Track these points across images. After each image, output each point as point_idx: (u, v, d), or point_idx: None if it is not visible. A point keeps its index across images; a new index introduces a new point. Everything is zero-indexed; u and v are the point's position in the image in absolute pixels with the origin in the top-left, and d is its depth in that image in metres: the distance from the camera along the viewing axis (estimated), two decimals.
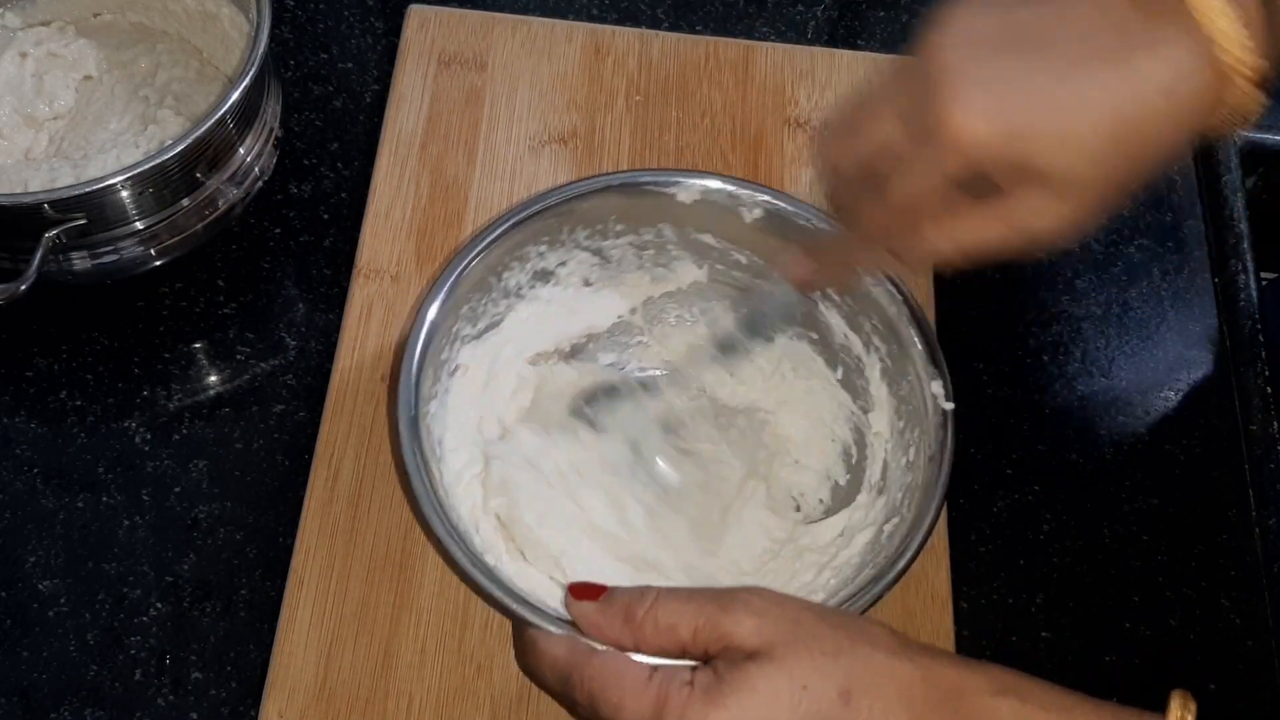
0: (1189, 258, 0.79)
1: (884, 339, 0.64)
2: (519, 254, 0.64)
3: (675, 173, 0.65)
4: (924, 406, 0.61)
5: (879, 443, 0.65)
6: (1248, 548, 0.71)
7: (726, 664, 0.49)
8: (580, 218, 0.65)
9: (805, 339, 0.68)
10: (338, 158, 0.78)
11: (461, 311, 0.63)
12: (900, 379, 0.63)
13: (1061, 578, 0.69)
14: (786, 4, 0.86)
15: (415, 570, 0.64)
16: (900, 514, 0.60)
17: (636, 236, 0.66)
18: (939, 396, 0.61)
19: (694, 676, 0.49)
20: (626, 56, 0.80)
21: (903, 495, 0.61)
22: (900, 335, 0.63)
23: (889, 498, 0.62)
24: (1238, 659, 0.68)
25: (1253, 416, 0.74)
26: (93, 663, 0.63)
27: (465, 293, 0.62)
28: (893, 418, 0.64)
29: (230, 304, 0.73)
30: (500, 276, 0.64)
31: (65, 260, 0.67)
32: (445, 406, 0.63)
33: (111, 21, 0.77)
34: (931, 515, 0.58)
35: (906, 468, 0.62)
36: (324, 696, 0.61)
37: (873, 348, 0.65)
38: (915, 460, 0.61)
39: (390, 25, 0.82)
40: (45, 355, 0.70)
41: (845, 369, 0.67)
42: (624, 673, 0.50)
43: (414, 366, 0.59)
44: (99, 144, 0.72)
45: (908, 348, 0.62)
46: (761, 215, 0.64)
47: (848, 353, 0.66)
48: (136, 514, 0.67)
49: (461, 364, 0.64)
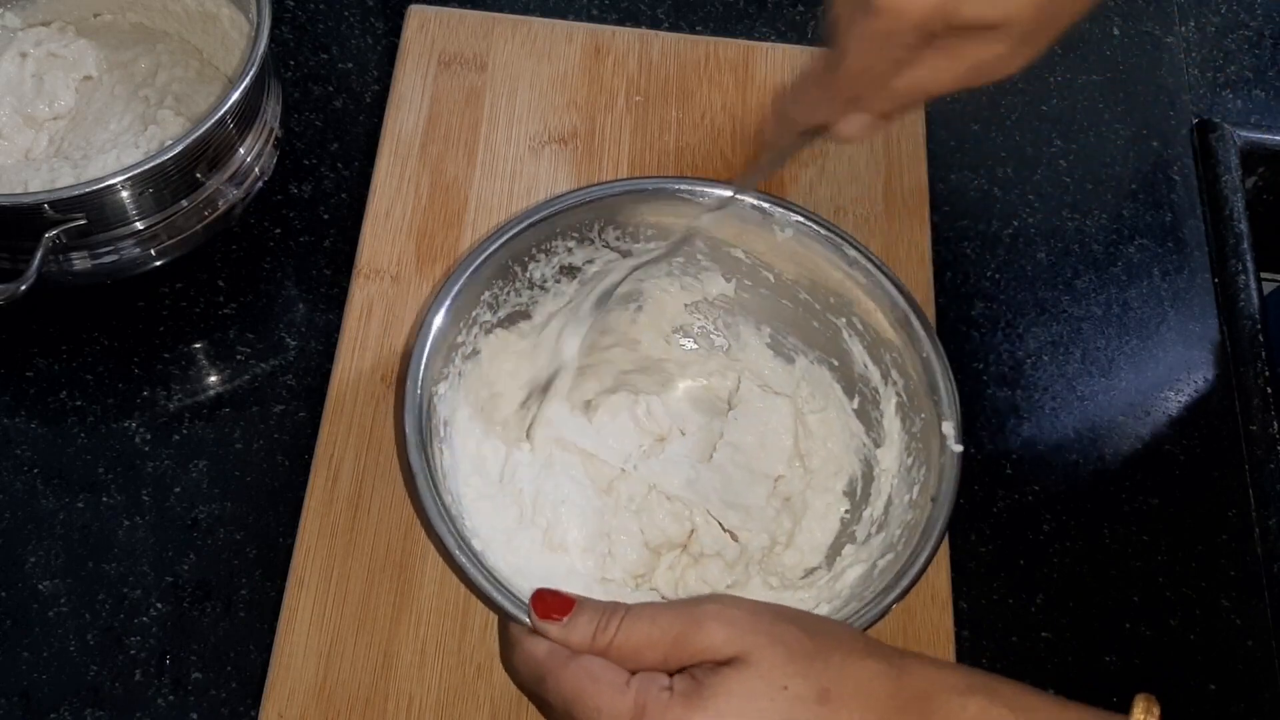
0: (1189, 258, 0.79)
1: (902, 373, 0.64)
2: (546, 247, 0.64)
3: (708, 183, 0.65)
4: (933, 445, 0.61)
5: (885, 479, 0.64)
6: (1248, 548, 0.71)
7: (704, 670, 0.49)
8: (610, 218, 0.65)
9: (825, 364, 0.68)
10: (338, 158, 0.78)
11: (483, 297, 0.63)
12: (914, 415, 0.63)
13: (1061, 578, 0.69)
14: (786, 4, 0.86)
15: (415, 570, 0.64)
16: (895, 550, 0.60)
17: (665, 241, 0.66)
18: (949, 438, 0.60)
19: (672, 681, 0.49)
20: (626, 57, 0.80)
21: (900, 532, 0.61)
22: (918, 371, 0.62)
23: (888, 534, 0.62)
24: (1238, 659, 0.68)
25: (1253, 416, 0.74)
26: (93, 663, 0.63)
27: (488, 279, 0.63)
28: (902, 454, 0.64)
29: (230, 304, 0.73)
30: (525, 267, 0.65)
31: (65, 260, 0.67)
32: (455, 388, 0.63)
33: (111, 22, 0.77)
34: (927, 554, 0.58)
35: (909, 505, 0.62)
36: (324, 697, 0.61)
37: (890, 381, 0.64)
38: (918, 499, 0.61)
39: (390, 25, 0.82)
40: (45, 355, 0.70)
41: (862, 399, 0.66)
42: (600, 678, 0.50)
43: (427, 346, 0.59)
44: (99, 144, 0.72)
45: (926, 385, 0.62)
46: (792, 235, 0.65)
47: (866, 383, 0.66)
48: (136, 514, 0.67)
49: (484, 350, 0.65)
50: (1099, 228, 0.80)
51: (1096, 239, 0.80)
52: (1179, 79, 0.86)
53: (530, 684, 0.53)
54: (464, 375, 0.64)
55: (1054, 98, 0.84)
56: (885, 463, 0.65)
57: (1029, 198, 0.80)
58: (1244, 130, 0.84)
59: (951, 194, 0.80)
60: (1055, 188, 0.81)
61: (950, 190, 0.80)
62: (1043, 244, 0.79)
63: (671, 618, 0.50)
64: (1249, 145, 0.84)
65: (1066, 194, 0.81)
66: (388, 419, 0.68)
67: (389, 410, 0.68)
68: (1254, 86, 0.87)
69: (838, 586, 0.61)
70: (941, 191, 0.79)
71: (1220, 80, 0.87)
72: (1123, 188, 0.82)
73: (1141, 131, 0.83)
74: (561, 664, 0.51)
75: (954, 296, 0.76)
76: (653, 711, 0.48)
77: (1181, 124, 0.84)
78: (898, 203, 0.76)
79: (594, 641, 0.51)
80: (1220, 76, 0.87)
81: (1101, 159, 0.82)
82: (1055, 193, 0.81)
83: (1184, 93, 0.85)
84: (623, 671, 0.50)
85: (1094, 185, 0.81)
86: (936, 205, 0.77)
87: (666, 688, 0.49)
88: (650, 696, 0.49)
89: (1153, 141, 0.83)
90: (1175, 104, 0.85)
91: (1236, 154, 0.83)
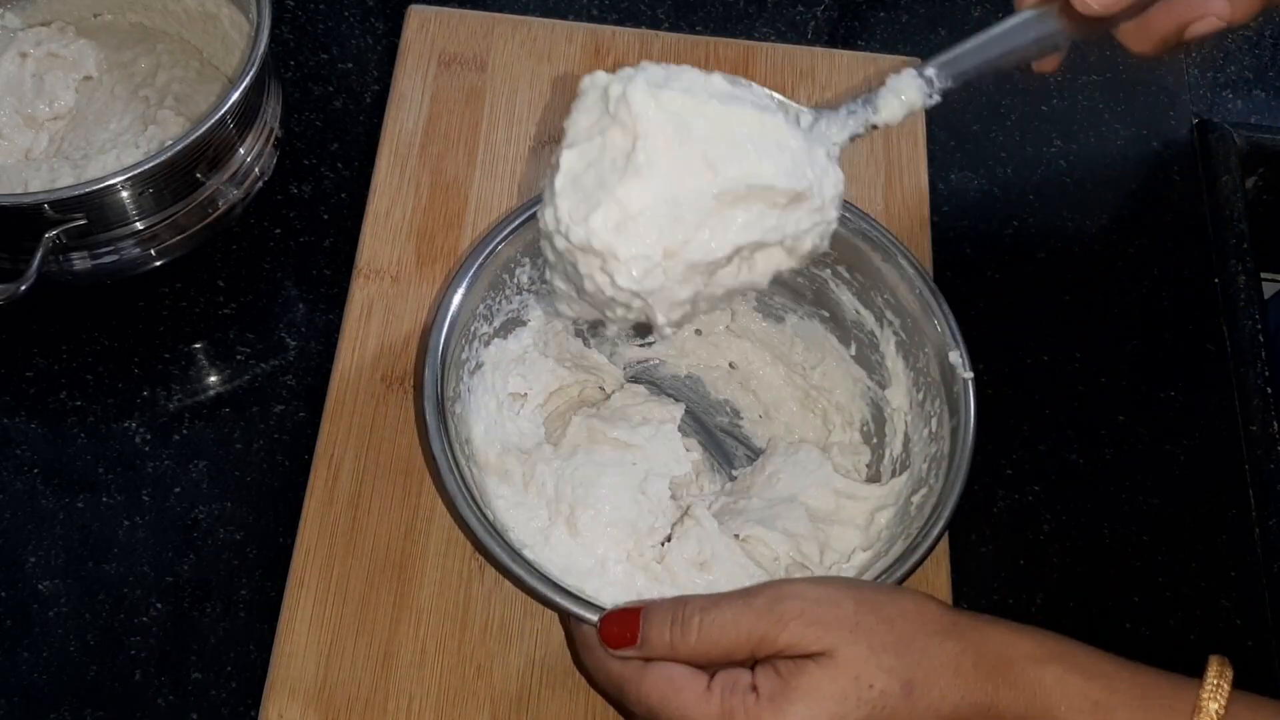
0: (1189, 258, 0.79)
1: (897, 313, 0.64)
2: (531, 250, 0.64)
3: None
4: (942, 378, 0.62)
5: (898, 417, 0.65)
6: (1248, 548, 0.71)
7: (788, 666, 0.49)
8: None
9: (816, 317, 0.69)
10: (338, 158, 0.78)
11: (478, 310, 0.63)
12: (917, 351, 0.64)
13: (1061, 578, 0.69)
14: (786, 4, 0.86)
15: (415, 570, 0.64)
16: (928, 484, 0.61)
17: None
18: (958, 366, 0.61)
19: (756, 680, 0.49)
20: (627, 57, 0.80)
21: (928, 466, 0.62)
22: (915, 308, 0.63)
23: (914, 470, 0.63)
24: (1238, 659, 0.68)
25: (1253, 416, 0.74)
26: (93, 663, 0.63)
27: (481, 292, 0.63)
28: (911, 390, 0.65)
29: (230, 304, 0.73)
30: (513, 273, 0.65)
31: (65, 260, 0.67)
32: (469, 406, 0.63)
33: (112, 22, 0.77)
34: (960, 483, 0.59)
35: (929, 439, 0.63)
36: (324, 697, 0.61)
37: (886, 322, 0.65)
38: (938, 431, 0.62)
39: (390, 26, 0.82)
40: (45, 355, 0.70)
41: (859, 345, 0.67)
42: (683, 686, 0.50)
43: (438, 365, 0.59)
44: (99, 144, 0.72)
45: (923, 320, 0.63)
46: None
47: (860, 328, 0.67)
48: (136, 514, 0.67)
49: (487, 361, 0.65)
50: (1099, 228, 0.80)
51: (1096, 239, 0.80)
52: (1179, 79, 0.86)
53: (611, 693, 0.53)
54: (472, 391, 0.64)
55: (1054, 98, 0.84)
56: (895, 401, 0.65)
57: (1029, 198, 0.80)
58: (1244, 130, 0.84)
59: (951, 194, 0.80)
60: (1055, 188, 0.81)
61: (950, 190, 0.80)
62: (1043, 244, 0.79)
63: (753, 619, 0.50)
64: (1249, 145, 0.84)
65: (1066, 194, 0.81)
66: (388, 419, 0.68)
67: (389, 410, 0.68)
68: (1254, 86, 0.87)
69: (875, 529, 0.62)
70: (941, 191, 0.79)
71: (1220, 80, 0.87)
72: (1123, 188, 0.82)
73: (1141, 131, 0.83)
74: (638, 676, 0.51)
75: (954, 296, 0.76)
76: (740, 716, 0.48)
77: (1181, 124, 0.84)
78: (898, 203, 0.76)
79: (673, 651, 0.51)
80: (1220, 76, 0.87)
81: (1101, 159, 0.82)
82: (1055, 193, 0.81)
83: (1184, 93, 0.85)
84: (702, 675, 0.50)
85: (1094, 185, 0.81)
86: (936, 205, 0.77)
87: (750, 688, 0.49)
88: (736, 700, 0.49)
89: (1153, 141, 0.83)
90: (1175, 104, 0.85)
91: (1236, 154, 0.83)
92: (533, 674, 0.62)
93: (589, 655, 0.54)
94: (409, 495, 0.66)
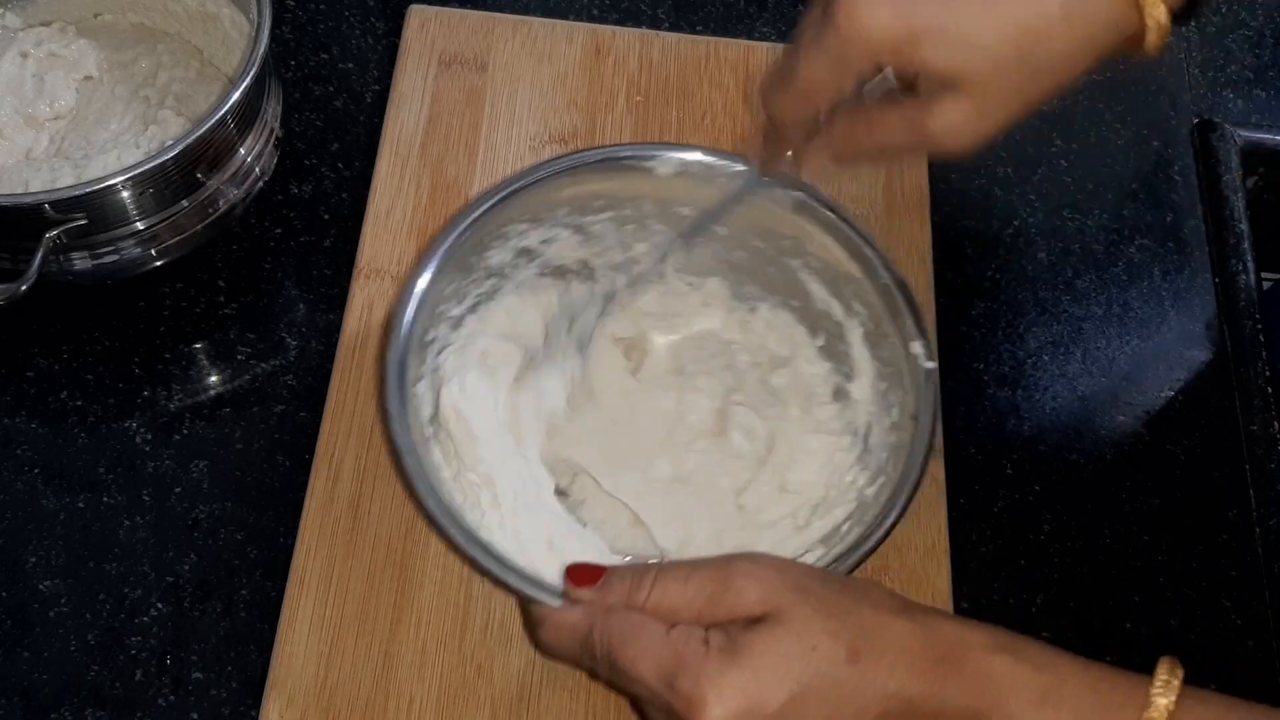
0: (1189, 258, 0.79)
1: (865, 303, 0.65)
2: (500, 233, 0.65)
3: (654, 146, 0.66)
4: (906, 367, 0.62)
5: (860, 408, 0.66)
6: (1248, 548, 0.71)
7: (738, 627, 0.50)
8: (560, 195, 0.65)
9: (786, 307, 0.69)
10: (338, 158, 0.78)
11: (446, 292, 0.63)
12: (882, 341, 0.64)
13: (1061, 578, 0.69)
14: (787, 4, 0.86)
15: (415, 570, 0.64)
16: (885, 473, 0.61)
17: (616, 212, 0.67)
18: (919, 356, 0.61)
19: (708, 635, 0.50)
20: (627, 57, 0.80)
21: (887, 455, 0.62)
22: (881, 299, 0.63)
23: (874, 459, 0.63)
24: (1238, 659, 0.68)
25: (1253, 416, 0.74)
26: (93, 663, 0.63)
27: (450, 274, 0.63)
28: (875, 381, 0.65)
29: (231, 304, 0.73)
30: (483, 256, 0.65)
31: (66, 260, 0.67)
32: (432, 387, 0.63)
33: (112, 22, 0.77)
34: (917, 471, 0.59)
35: (890, 429, 0.63)
36: (324, 696, 0.61)
37: (853, 312, 0.65)
38: (899, 420, 0.62)
39: (391, 25, 0.82)
40: (46, 355, 0.70)
41: (827, 335, 0.67)
42: (641, 627, 0.51)
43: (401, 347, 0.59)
44: (99, 144, 0.72)
45: (889, 311, 0.63)
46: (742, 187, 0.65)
47: (828, 318, 0.67)
48: (137, 514, 0.67)
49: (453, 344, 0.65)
50: (1099, 228, 0.80)
51: (1096, 239, 0.80)
52: (1179, 79, 0.86)
53: (573, 649, 0.54)
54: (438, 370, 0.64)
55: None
56: (858, 394, 0.66)
57: (1029, 198, 0.80)
58: (1244, 130, 0.84)
59: (951, 194, 0.80)
60: (1055, 188, 0.81)
61: (950, 190, 0.80)
62: (1043, 244, 0.79)
63: (704, 578, 0.52)
64: (1249, 145, 0.84)
65: (1066, 194, 0.81)
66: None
67: None
68: (1254, 86, 0.87)
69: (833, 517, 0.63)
70: (941, 191, 0.79)
71: (1220, 80, 0.87)
72: (1123, 188, 0.82)
73: (1141, 131, 0.83)
74: (601, 619, 0.52)
75: (954, 296, 0.76)
76: (690, 663, 0.49)
77: (1182, 124, 0.84)
78: (898, 203, 0.76)
79: (629, 602, 0.52)
80: (1220, 76, 0.87)
81: (1101, 159, 0.82)
82: (1055, 193, 0.81)
83: (1184, 93, 0.85)
84: (661, 623, 0.51)
85: (1094, 185, 0.81)
86: (936, 205, 0.77)
87: (703, 641, 0.50)
88: (689, 650, 0.50)
89: (1153, 141, 0.83)
90: (1175, 104, 0.85)
91: (1237, 154, 0.83)
92: (533, 674, 0.63)
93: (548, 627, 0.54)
94: (409, 495, 0.66)
